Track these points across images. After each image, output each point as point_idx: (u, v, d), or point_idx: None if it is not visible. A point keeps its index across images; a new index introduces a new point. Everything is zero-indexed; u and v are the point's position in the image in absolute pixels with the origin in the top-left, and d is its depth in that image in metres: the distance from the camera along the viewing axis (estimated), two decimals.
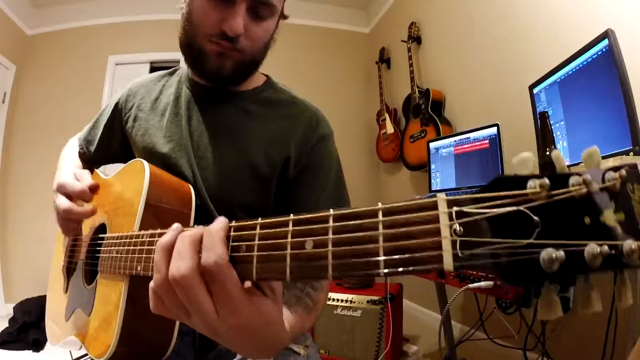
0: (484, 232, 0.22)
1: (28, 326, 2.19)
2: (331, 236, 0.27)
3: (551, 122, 1.14)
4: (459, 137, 1.72)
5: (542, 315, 0.23)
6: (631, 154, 0.90)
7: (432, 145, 1.88)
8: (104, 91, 3.04)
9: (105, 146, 0.81)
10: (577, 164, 1.08)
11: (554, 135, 1.04)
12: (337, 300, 1.64)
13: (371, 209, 0.26)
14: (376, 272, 0.25)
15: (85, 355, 0.81)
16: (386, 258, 0.25)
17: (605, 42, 1.00)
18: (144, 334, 0.52)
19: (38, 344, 2.09)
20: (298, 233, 0.29)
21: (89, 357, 0.56)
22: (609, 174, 0.22)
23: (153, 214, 0.55)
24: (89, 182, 0.63)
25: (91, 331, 0.59)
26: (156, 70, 0.87)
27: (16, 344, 2.10)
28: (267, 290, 0.34)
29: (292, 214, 0.30)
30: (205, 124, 0.70)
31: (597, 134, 1.05)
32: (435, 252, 0.23)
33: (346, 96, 3.34)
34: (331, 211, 0.28)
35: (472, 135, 1.66)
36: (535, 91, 1.32)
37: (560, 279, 0.21)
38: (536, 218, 0.21)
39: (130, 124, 0.75)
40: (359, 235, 0.26)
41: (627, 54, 0.96)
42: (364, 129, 3.29)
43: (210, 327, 0.33)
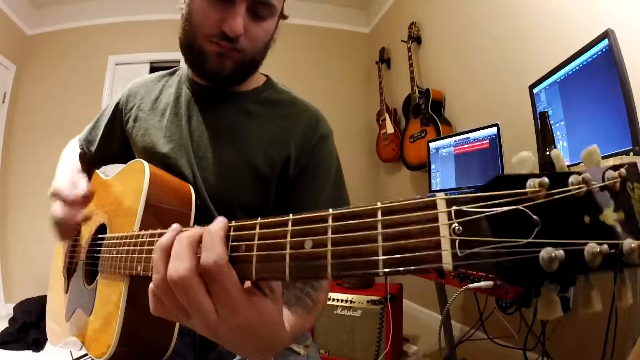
0: (483, 232, 0.22)
1: (28, 326, 2.19)
2: (330, 236, 0.27)
3: (551, 122, 1.14)
4: (459, 137, 1.72)
5: (542, 315, 0.23)
6: (631, 153, 0.90)
7: (432, 145, 1.88)
8: (104, 91, 3.04)
9: (106, 146, 0.81)
10: (577, 163, 1.08)
11: (554, 135, 1.04)
12: (337, 300, 1.63)
13: (370, 208, 0.26)
14: (375, 271, 0.25)
15: (86, 355, 0.81)
16: (385, 257, 0.25)
17: (605, 42, 1.00)
18: (144, 334, 0.52)
19: (38, 344, 2.09)
20: (297, 233, 0.29)
21: (89, 357, 0.57)
22: (609, 173, 0.22)
23: (153, 214, 0.55)
24: (84, 189, 0.63)
25: (91, 331, 0.59)
26: (156, 70, 0.87)
27: (16, 344, 2.10)
28: (267, 290, 0.34)
29: (291, 214, 0.30)
30: (205, 124, 0.70)
31: (597, 134, 1.05)
32: (434, 252, 0.23)
33: (346, 96, 3.34)
34: (330, 211, 0.28)
35: (472, 135, 1.66)
36: (535, 91, 1.32)
37: (560, 279, 0.21)
38: (535, 217, 0.21)
39: (130, 124, 0.76)
40: (358, 234, 0.26)
41: (627, 54, 0.96)
42: (364, 129, 3.29)
43: (210, 328, 0.33)
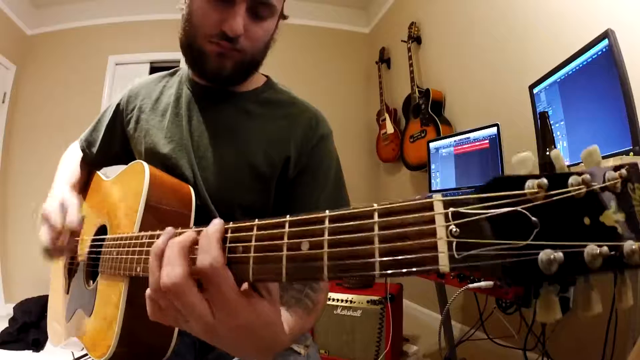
0: (481, 233, 0.22)
1: (28, 326, 2.19)
2: (327, 237, 0.27)
3: (551, 122, 1.14)
4: (459, 137, 1.72)
5: (541, 317, 0.22)
6: (631, 154, 0.90)
7: (432, 145, 1.87)
8: (104, 91, 3.04)
9: (107, 147, 0.81)
10: (577, 163, 1.08)
11: (554, 135, 1.04)
12: (337, 300, 1.63)
13: (367, 209, 0.26)
14: (372, 273, 0.25)
15: (87, 355, 0.81)
16: (382, 259, 0.24)
17: (605, 42, 1.00)
18: (143, 335, 0.52)
19: (38, 344, 2.09)
20: (294, 234, 0.29)
21: (90, 357, 0.57)
22: (609, 174, 0.21)
23: (153, 215, 0.55)
24: (72, 221, 0.64)
25: (91, 332, 0.59)
26: (156, 70, 0.87)
27: (16, 344, 2.10)
28: (264, 291, 0.34)
29: (288, 215, 0.30)
30: (205, 124, 0.70)
31: (597, 134, 1.05)
32: (431, 254, 0.23)
33: (346, 96, 3.33)
34: (327, 212, 0.28)
35: (472, 135, 1.66)
36: (535, 91, 1.32)
37: (560, 281, 0.21)
38: (534, 219, 0.21)
39: (132, 125, 0.76)
40: (355, 236, 0.26)
41: (627, 54, 0.96)
42: (364, 129, 3.29)
43: (208, 331, 0.33)
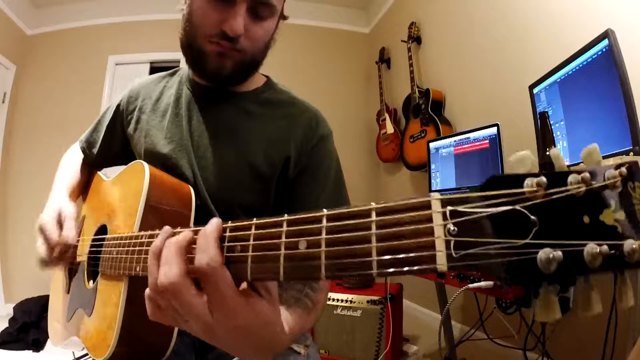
0: (479, 232, 0.22)
1: (28, 326, 2.19)
2: (324, 236, 0.27)
3: (551, 122, 1.14)
4: (459, 137, 1.72)
5: (540, 317, 0.22)
6: (631, 154, 0.90)
7: (432, 145, 1.87)
8: (104, 91, 3.04)
9: (107, 148, 0.81)
10: (577, 163, 1.08)
11: (554, 135, 1.04)
12: (337, 300, 1.63)
13: (364, 208, 0.26)
14: (369, 272, 0.25)
15: (87, 355, 0.81)
16: (379, 258, 0.24)
17: (605, 42, 1.00)
18: (143, 334, 0.52)
19: (38, 344, 2.09)
20: (292, 233, 0.29)
21: (90, 357, 0.57)
22: (609, 172, 0.21)
23: (153, 215, 0.55)
24: (67, 236, 0.64)
25: (92, 331, 0.59)
26: (156, 70, 0.87)
27: (16, 344, 2.10)
28: (263, 290, 0.34)
29: (286, 214, 0.30)
30: (205, 124, 0.70)
31: (597, 134, 1.05)
32: (429, 252, 0.23)
33: (346, 96, 3.33)
34: (325, 211, 0.28)
35: (472, 135, 1.65)
36: (535, 91, 1.32)
37: (559, 280, 0.21)
38: (533, 217, 0.21)
39: (132, 126, 0.76)
40: (352, 235, 0.26)
41: (627, 54, 0.96)
42: (364, 129, 3.29)
43: (207, 331, 0.33)
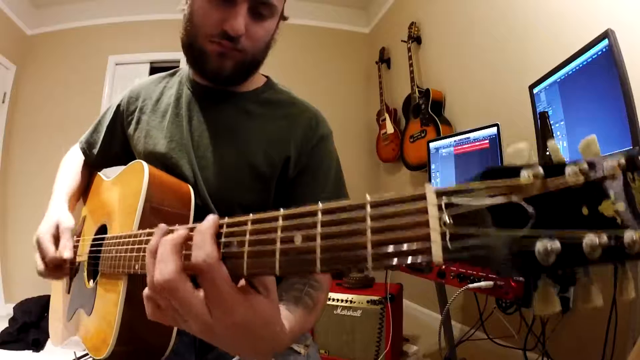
0: (475, 224, 0.21)
1: (28, 326, 2.19)
2: (319, 230, 0.27)
3: (551, 122, 1.14)
4: (459, 137, 1.72)
5: (539, 310, 0.22)
6: None
7: (432, 145, 1.87)
8: (104, 91, 3.04)
9: (107, 148, 0.81)
10: None
11: (554, 135, 1.04)
12: (337, 300, 1.63)
13: (359, 202, 0.26)
14: (365, 265, 0.24)
15: (87, 355, 0.81)
16: (374, 250, 0.24)
17: (605, 42, 1.00)
18: (142, 333, 0.52)
19: (38, 344, 2.09)
20: (287, 227, 0.29)
21: (90, 357, 0.57)
22: (608, 163, 0.21)
23: (152, 214, 0.55)
24: (62, 254, 0.64)
25: (91, 330, 0.59)
26: (156, 70, 0.87)
27: (16, 344, 2.10)
28: (261, 287, 0.34)
29: (282, 209, 0.30)
30: (205, 124, 0.70)
31: (597, 134, 1.03)
32: (424, 244, 0.22)
33: (346, 96, 3.33)
34: (320, 205, 0.28)
35: (472, 135, 1.65)
36: (535, 91, 1.32)
37: (558, 272, 0.20)
38: (530, 209, 0.20)
39: (132, 126, 0.76)
40: (347, 228, 0.26)
41: (627, 54, 0.96)
42: (364, 129, 3.29)
43: (206, 330, 0.33)
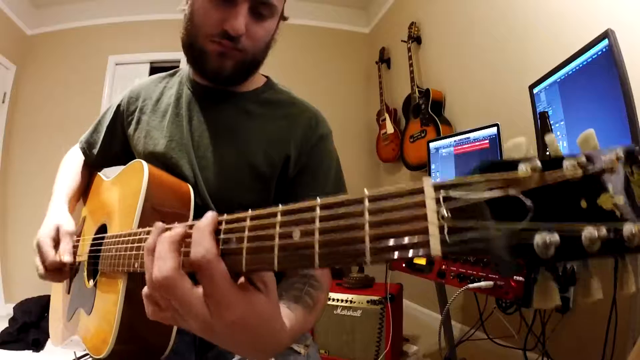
0: (473, 217, 0.21)
1: (28, 326, 2.19)
2: (318, 225, 0.27)
3: (551, 122, 1.14)
4: (459, 137, 1.72)
5: (539, 303, 0.22)
6: None
7: (432, 145, 1.87)
8: (104, 91, 3.04)
9: (107, 148, 0.81)
10: None
11: (554, 135, 1.04)
12: (337, 300, 1.63)
13: (357, 196, 0.26)
14: (363, 259, 0.24)
15: (87, 355, 0.81)
16: (373, 245, 0.24)
17: (605, 42, 1.00)
18: (142, 332, 0.52)
19: (38, 344, 2.09)
20: (286, 223, 0.29)
21: (90, 357, 0.57)
22: (606, 156, 0.21)
23: (152, 213, 0.55)
24: (60, 257, 0.64)
25: (91, 330, 0.59)
26: (156, 70, 0.87)
27: (16, 344, 2.10)
28: (260, 284, 0.34)
29: (280, 205, 0.30)
30: (206, 124, 0.70)
31: (597, 134, 1.04)
32: (422, 238, 0.22)
33: (346, 96, 3.33)
34: (318, 200, 0.28)
35: (472, 135, 1.65)
36: (535, 91, 1.32)
37: (558, 262, 0.20)
38: (528, 202, 0.20)
39: (132, 126, 0.76)
40: (345, 222, 0.26)
41: (627, 54, 0.96)
42: (364, 129, 3.29)
43: (205, 327, 0.33)
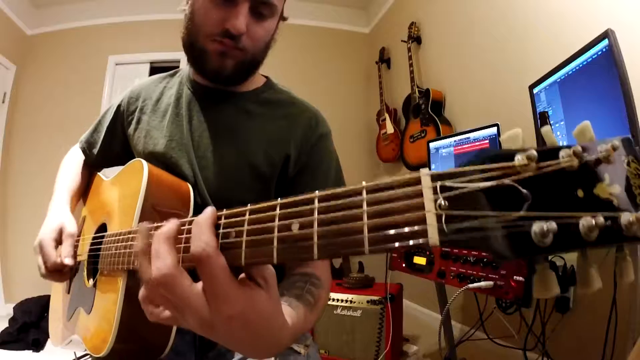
0: (470, 206, 0.21)
1: (28, 326, 2.19)
2: (316, 216, 0.27)
3: (551, 122, 1.14)
4: (459, 137, 1.72)
5: (538, 293, 0.22)
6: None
7: (432, 145, 1.87)
8: (104, 91, 3.04)
9: (107, 148, 0.82)
10: None
11: (554, 135, 1.04)
12: (337, 300, 1.63)
13: (356, 187, 0.26)
14: (362, 249, 0.24)
15: (87, 355, 0.81)
16: (371, 235, 0.24)
17: (605, 42, 1.00)
18: (142, 331, 0.52)
19: (38, 344, 2.09)
20: (285, 215, 0.29)
21: (90, 356, 0.57)
22: (602, 146, 0.21)
23: (151, 212, 0.55)
24: (64, 255, 0.64)
25: (91, 329, 0.59)
26: (156, 70, 0.88)
27: (16, 344, 2.10)
28: (259, 279, 0.34)
29: (279, 198, 0.30)
30: (206, 123, 0.70)
31: (597, 134, 1.04)
32: (420, 227, 0.22)
33: (346, 96, 3.33)
34: (317, 192, 0.28)
35: (472, 135, 1.65)
36: (535, 91, 1.32)
37: (555, 253, 0.20)
38: (525, 191, 0.20)
39: (133, 126, 0.76)
40: (344, 213, 0.26)
41: (627, 54, 0.96)
42: (364, 129, 3.29)
43: (205, 324, 0.33)
